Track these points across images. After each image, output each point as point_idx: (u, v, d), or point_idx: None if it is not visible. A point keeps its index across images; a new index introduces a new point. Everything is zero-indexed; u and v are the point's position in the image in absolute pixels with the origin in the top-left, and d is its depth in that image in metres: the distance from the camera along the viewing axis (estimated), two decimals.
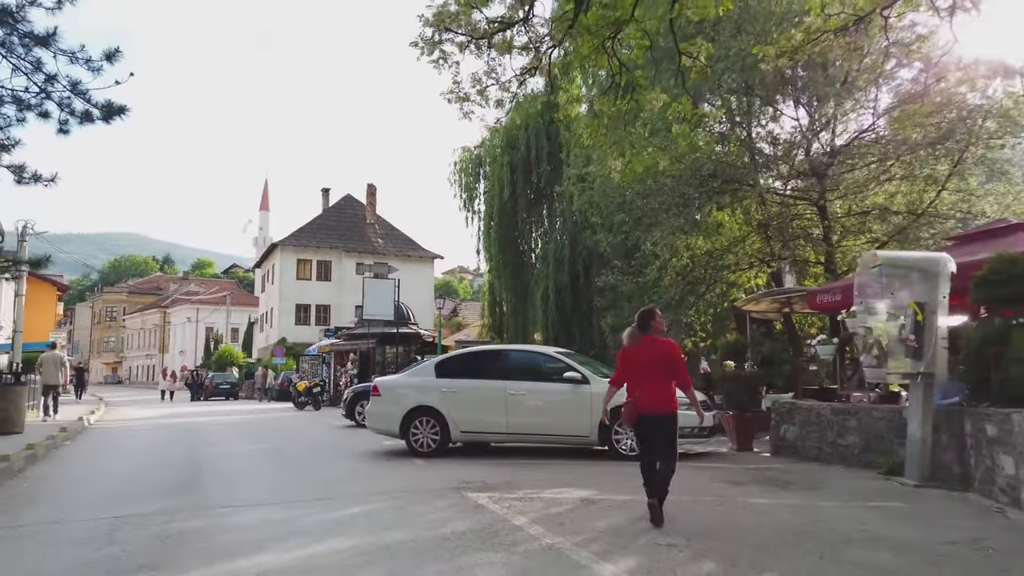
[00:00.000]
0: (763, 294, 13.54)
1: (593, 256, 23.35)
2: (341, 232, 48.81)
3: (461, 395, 9.93)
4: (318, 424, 17.34)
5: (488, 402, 9.84)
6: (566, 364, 9.76)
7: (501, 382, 9.76)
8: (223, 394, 38.34)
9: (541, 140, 26.40)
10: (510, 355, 10.44)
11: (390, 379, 10.98)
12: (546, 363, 10.06)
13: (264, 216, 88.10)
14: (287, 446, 11.94)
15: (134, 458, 10.56)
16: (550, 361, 10.02)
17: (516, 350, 10.60)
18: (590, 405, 9.33)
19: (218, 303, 65.59)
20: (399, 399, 10.26)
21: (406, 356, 28.26)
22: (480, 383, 9.95)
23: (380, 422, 10.46)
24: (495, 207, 27.07)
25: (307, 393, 24.70)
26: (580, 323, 24.06)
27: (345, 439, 13.03)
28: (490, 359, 10.49)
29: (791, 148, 14.99)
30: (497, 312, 28.60)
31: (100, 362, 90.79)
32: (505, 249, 27.35)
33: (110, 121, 10.10)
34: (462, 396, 9.93)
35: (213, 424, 17.90)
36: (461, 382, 10.03)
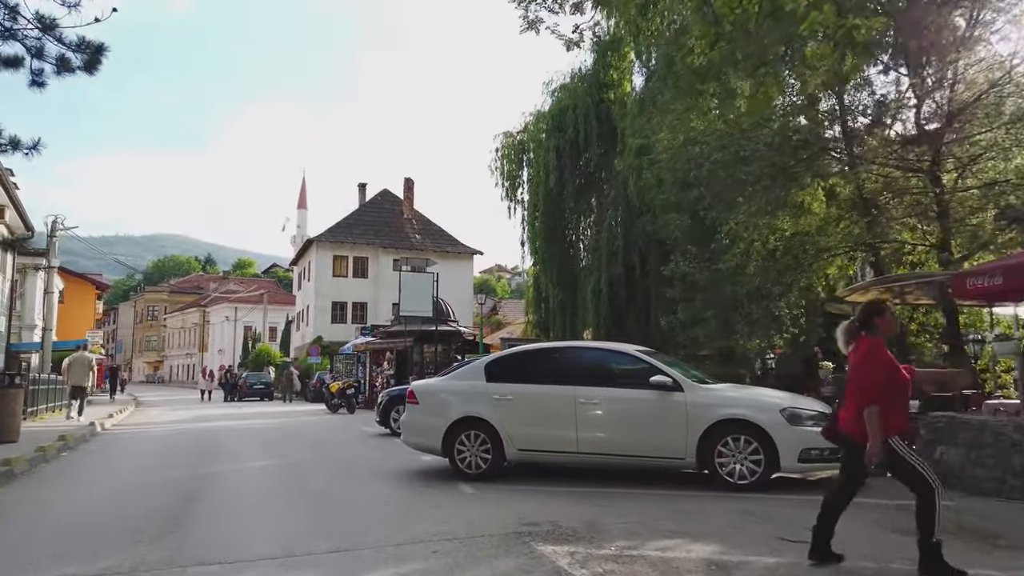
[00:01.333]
0: (873, 282, 11.27)
1: (651, 245, 21.15)
2: (378, 228, 47.37)
3: (518, 404, 7.96)
4: (349, 431, 15.56)
5: (552, 413, 7.84)
6: (652, 366, 7.69)
7: (569, 388, 7.75)
8: (257, 394, 37.10)
9: (590, 121, 24.28)
10: (579, 354, 8.37)
11: (430, 383, 9.06)
12: (625, 364, 8.02)
13: (302, 214, 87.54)
14: (309, 462, 10.11)
15: (122, 478, 8.83)
16: (630, 362, 7.97)
17: (587, 348, 8.53)
18: (685, 418, 7.27)
19: (256, 302, 64.89)
20: (441, 408, 8.34)
21: (445, 355, 26.45)
22: (542, 389, 7.96)
23: (418, 436, 8.54)
24: (540, 195, 25.03)
25: (340, 395, 23.06)
26: (636, 319, 21.88)
27: (377, 453, 11.17)
28: (553, 359, 8.47)
29: (897, 110, 12.67)
30: (543, 308, 26.52)
31: (142, 361, 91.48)
32: (551, 240, 25.28)
33: (93, 71, 8.41)
34: (519, 405, 7.96)
35: (236, 430, 16.28)
36: (518, 387, 8.06)
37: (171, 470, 9.30)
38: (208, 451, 11.62)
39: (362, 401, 25.07)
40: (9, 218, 25.51)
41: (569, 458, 7.79)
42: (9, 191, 24.21)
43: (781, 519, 5.87)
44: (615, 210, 22.88)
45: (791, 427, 7.02)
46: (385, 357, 26.15)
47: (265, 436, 14.49)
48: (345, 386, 23.18)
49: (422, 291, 25.13)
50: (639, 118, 19.74)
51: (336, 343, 38.53)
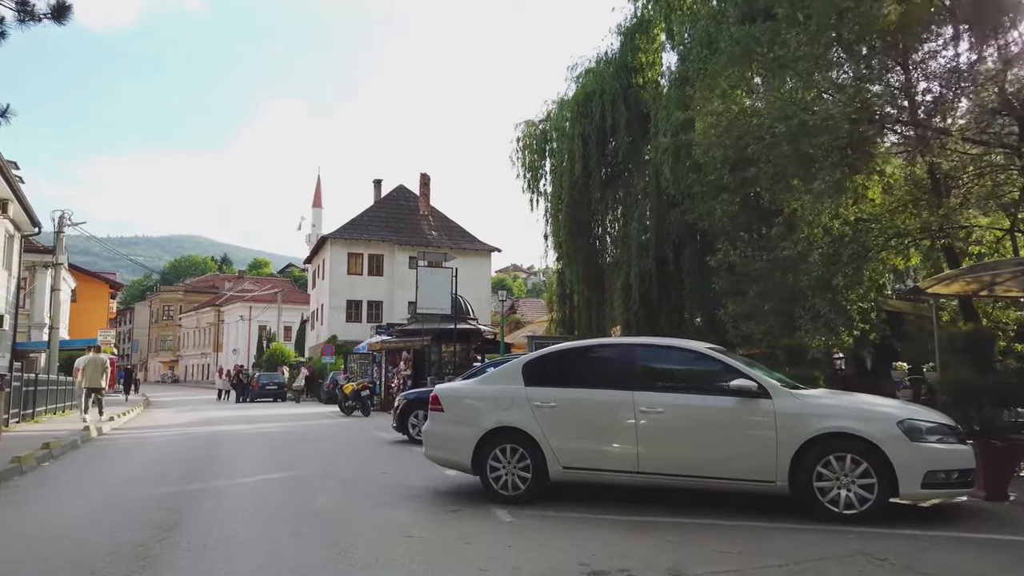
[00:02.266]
0: (959, 272, 9.81)
1: (686, 236, 19.74)
2: (393, 224, 46.26)
3: (564, 412, 6.63)
4: (364, 438, 14.29)
5: (606, 424, 6.51)
6: (729, 366, 6.32)
7: (626, 393, 6.39)
8: (270, 395, 36.04)
9: (618, 107, 22.87)
10: (637, 352, 6.93)
11: (457, 387, 7.73)
12: (695, 364, 6.66)
13: (317, 213, 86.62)
14: (317, 476, 8.83)
15: (97, 498, 7.58)
16: (701, 361, 6.60)
17: (646, 345, 7.09)
18: (774, 431, 5.90)
19: (270, 301, 64.06)
20: (471, 417, 7.02)
21: (465, 355, 25.18)
22: (593, 395, 6.62)
23: (443, 449, 7.22)
24: (565, 185, 23.65)
25: (355, 396, 21.82)
26: (669, 316, 20.47)
27: (395, 465, 9.86)
28: (606, 358, 7.07)
29: (978, 78, 11.18)
30: (567, 305, 25.16)
31: (157, 361, 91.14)
32: (577, 233, 23.90)
33: (62, 20, 7.17)
34: (566, 414, 6.63)
35: (242, 435, 15.07)
36: (563, 392, 6.73)
37: (158, 486, 8.05)
38: (206, 461, 10.38)
39: (377, 403, 23.87)
40: (14, 212, 24.55)
41: (627, 479, 6.41)
42: (12, 184, 23.22)
43: (925, 567, 4.49)
44: (646, 200, 21.46)
45: (911, 443, 5.62)
46: (401, 357, 24.92)
47: (272, 442, 13.25)
48: (359, 387, 21.96)
49: (440, 287, 23.89)
50: (675, 100, 18.31)
51: (351, 342, 37.41)
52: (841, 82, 10.41)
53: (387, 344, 25.83)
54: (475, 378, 7.98)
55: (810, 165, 10.06)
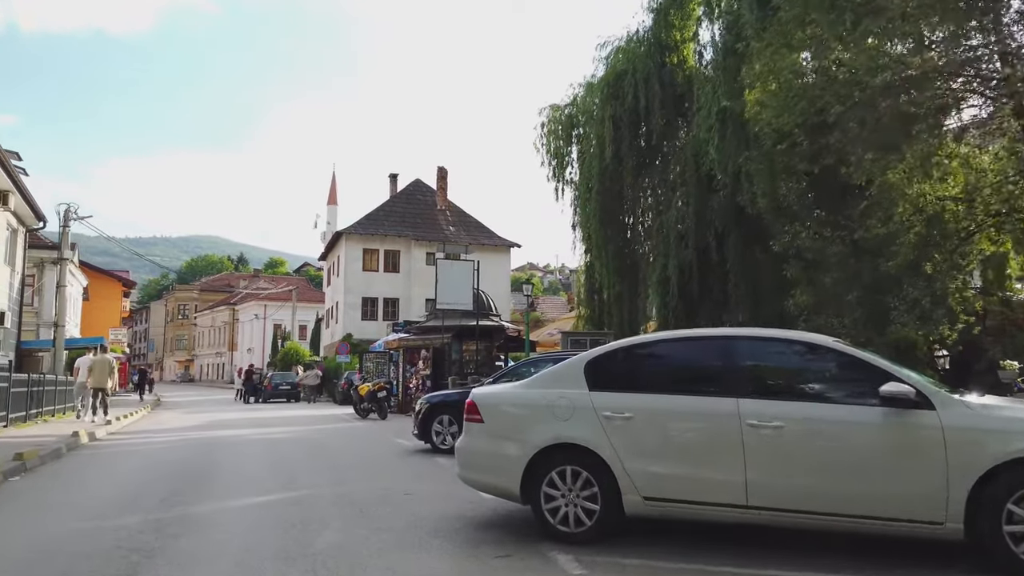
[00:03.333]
0: None
1: (730, 224, 18.09)
2: (410, 219, 44.84)
3: (644, 426, 5.07)
4: (381, 446, 12.81)
5: (703, 441, 4.95)
6: (872, 366, 4.69)
7: (728, 401, 4.82)
8: (283, 395, 34.77)
9: (652, 86, 21.22)
10: (741, 347, 5.24)
11: (500, 392, 6.15)
12: (822, 364, 5.06)
13: (332, 210, 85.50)
14: (327, 498, 7.31)
15: (54, 530, 6.12)
16: (830, 359, 5.01)
17: (755, 338, 5.34)
18: (942, 454, 4.30)
19: (285, 299, 62.95)
20: (519, 430, 5.48)
21: (487, 354, 23.67)
22: (683, 403, 5.04)
23: (483, 471, 5.69)
24: (594, 172, 22.05)
25: (371, 398, 20.37)
26: (711, 312, 18.82)
27: (419, 483, 8.35)
28: (698, 355, 5.42)
29: None
30: (595, 300, 23.53)
31: (173, 360, 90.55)
32: (607, 223, 22.28)
33: None
34: (646, 428, 5.07)
35: (247, 442, 13.66)
36: (642, 400, 5.16)
37: (132, 511, 6.58)
38: (199, 476, 8.93)
39: (394, 405, 22.39)
40: (15, 205, 23.35)
41: (731, 516, 4.81)
42: (12, 175, 22.00)
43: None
44: (683, 185, 19.83)
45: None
46: (420, 355, 23.44)
47: (279, 451, 11.79)
48: (376, 388, 20.49)
49: (461, 280, 22.38)
50: (721, 72, 16.65)
51: (366, 341, 36.07)
52: (942, 36, 8.76)
53: (405, 342, 24.37)
54: (519, 381, 6.39)
55: (910, 125, 8.43)
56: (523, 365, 11.65)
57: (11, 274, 25.59)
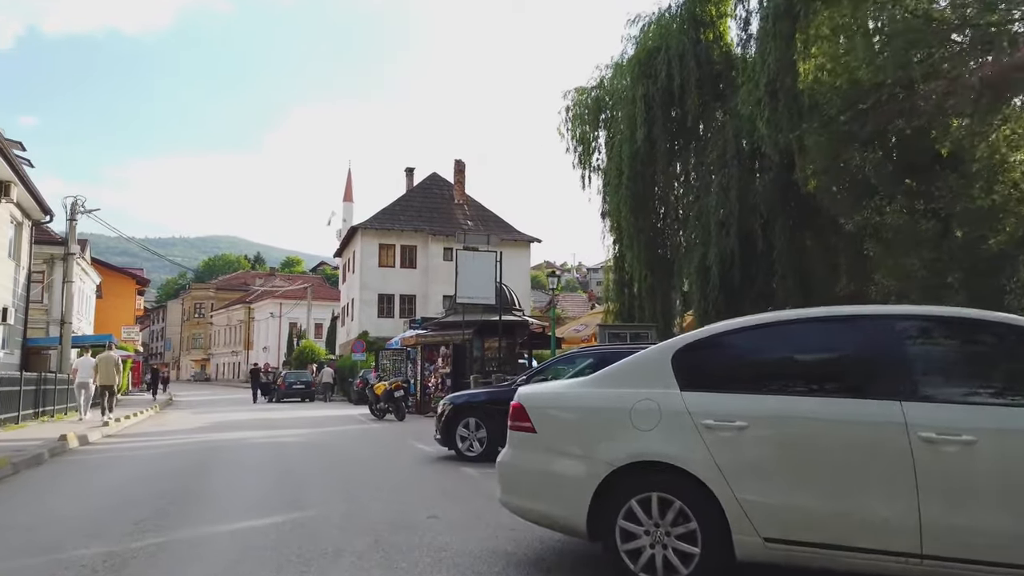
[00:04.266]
0: None
1: (777, 208, 16.61)
2: (427, 214, 43.60)
3: (763, 439, 3.69)
4: (400, 452, 11.49)
5: (852, 462, 3.53)
6: None
7: (888, 405, 3.44)
8: (297, 395, 33.65)
9: (687, 63, 19.76)
10: (902, 330, 3.76)
11: (555, 392, 4.71)
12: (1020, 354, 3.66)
13: (348, 207, 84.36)
14: (334, 526, 5.97)
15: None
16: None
17: (922, 317, 3.80)
18: None
19: (300, 297, 62.01)
20: (584, 442, 4.13)
21: (510, 351, 22.31)
22: (820, 407, 3.63)
23: (535, 497, 4.31)
24: (624, 156, 20.61)
25: (387, 397, 19.09)
26: (756, 303, 17.30)
27: (446, 503, 7.00)
28: (838, 343, 3.93)
29: None
30: (626, 294, 22.09)
31: (189, 359, 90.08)
32: (638, 211, 20.85)
33: None
34: (766, 442, 3.69)
35: (252, 448, 12.41)
36: (758, 403, 3.77)
37: (99, 539, 5.29)
38: (189, 491, 7.65)
39: (412, 404, 21.12)
40: (18, 196, 22.29)
41: (897, 567, 3.41)
42: (14, 165, 20.93)
43: None
44: (724, 168, 18.32)
45: None
46: (439, 353, 22.12)
47: (285, 459, 10.51)
48: (392, 387, 19.20)
49: (482, 273, 21.03)
50: (772, 39, 15.12)
51: (383, 339, 34.90)
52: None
53: (423, 338, 23.07)
54: (572, 379, 4.94)
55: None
56: (558, 362, 10.28)
57: (16, 269, 24.59)
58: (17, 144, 23.68)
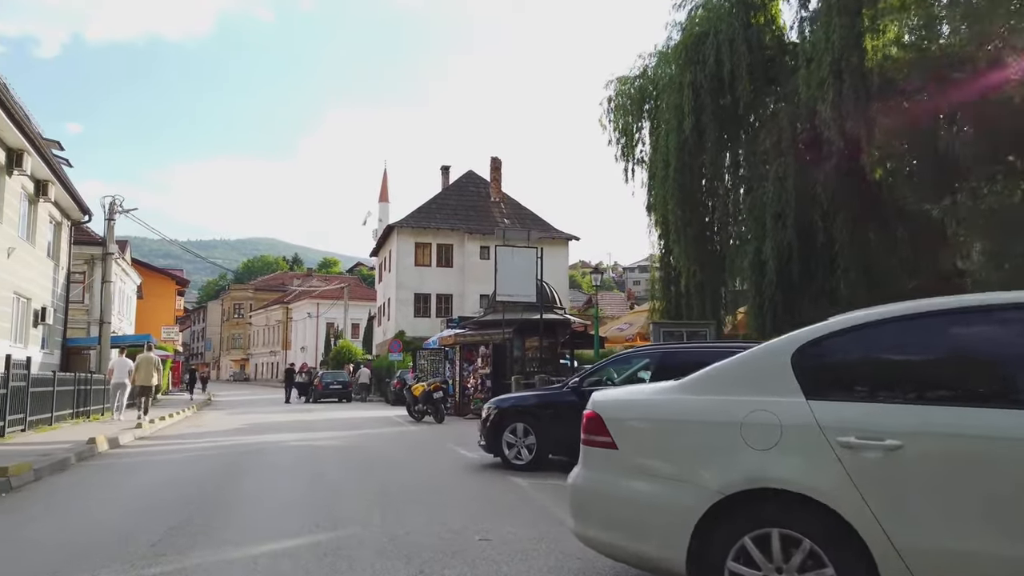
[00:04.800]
0: None
1: (840, 196, 15.46)
2: (463, 212, 43.05)
3: (925, 463, 2.82)
4: (441, 458, 10.77)
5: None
6: None
7: None
8: (335, 395, 33.34)
9: (737, 48, 18.69)
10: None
11: (639, 399, 3.84)
12: None
13: (384, 207, 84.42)
14: (368, 550, 5.24)
15: None
16: None
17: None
18: None
19: (336, 297, 62.07)
20: (681, 462, 3.31)
21: (551, 351, 21.53)
22: (1013, 424, 2.77)
23: (619, 529, 3.49)
24: (671, 146, 19.63)
25: (426, 399, 18.45)
26: (815, 299, 16.21)
27: (496, 517, 6.24)
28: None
29: None
30: (672, 291, 21.10)
31: (229, 359, 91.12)
32: (685, 204, 19.82)
33: None
34: (930, 467, 2.82)
35: (285, 451, 11.83)
36: (920, 416, 2.90)
37: (105, 566, 4.65)
38: (215, 502, 7.03)
39: (451, 406, 20.45)
40: (56, 196, 22.25)
41: None
42: (52, 164, 20.85)
43: None
44: (780, 156, 17.19)
45: None
46: (478, 352, 21.41)
47: (320, 466, 9.87)
48: (431, 388, 18.54)
49: (522, 270, 20.27)
50: (836, 15, 13.99)
51: (419, 339, 34.40)
52: None
53: (461, 338, 22.39)
54: (664, 383, 4.02)
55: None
56: (613, 362, 9.43)
57: (55, 269, 24.61)
58: (55, 144, 23.67)
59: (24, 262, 19.77)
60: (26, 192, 20.18)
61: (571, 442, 8.92)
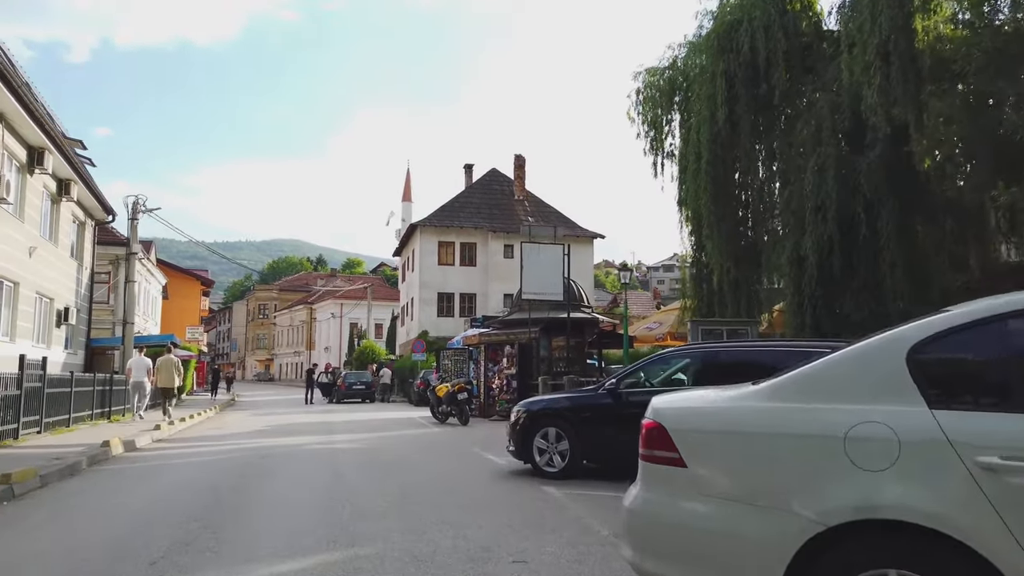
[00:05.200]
0: None
1: (885, 187, 14.66)
2: (486, 210, 42.55)
3: None
4: (467, 464, 10.23)
5: None
6: None
7: None
8: (358, 395, 33.04)
9: (773, 35, 17.94)
10: None
11: (713, 407, 3.17)
12: None
13: (407, 207, 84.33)
14: (392, 566, 4.70)
15: None
16: None
17: None
18: None
19: (360, 297, 61.97)
20: (765, 485, 2.70)
21: (578, 351, 20.90)
22: None
23: (694, 565, 2.88)
24: (703, 138, 18.89)
25: (450, 400, 17.94)
26: (858, 295, 15.40)
27: (529, 533, 5.66)
28: None
29: None
30: (704, 289, 20.36)
31: (254, 359, 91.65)
32: (718, 198, 19.04)
33: None
34: None
35: (305, 455, 11.37)
36: None
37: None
38: (226, 513, 6.54)
39: (476, 407, 19.92)
40: (79, 195, 22.10)
41: None
42: (74, 164, 20.68)
43: None
44: (820, 147, 16.38)
45: None
46: (503, 352, 20.86)
47: (340, 472, 9.37)
48: (456, 389, 18.03)
49: (548, 267, 19.67)
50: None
51: (442, 338, 33.97)
52: None
53: (486, 337, 21.84)
54: (741, 388, 3.34)
55: None
56: (651, 362, 8.79)
57: (78, 269, 24.50)
58: (78, 143, 23.55)
59: (47, 262, 19.60)
60: (48, 191, 20.01)
61: (607, 449, 8.38)
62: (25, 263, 17.44)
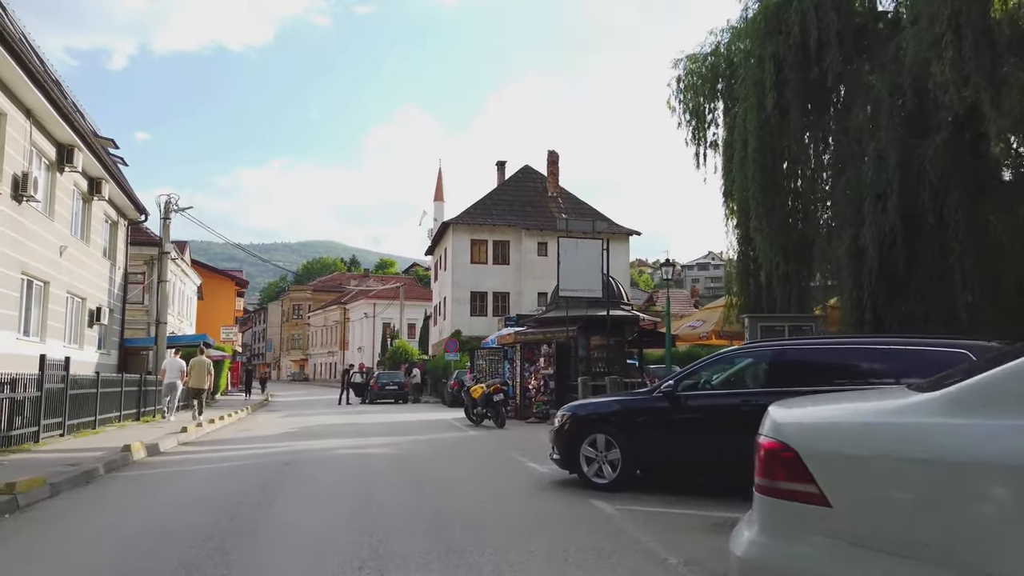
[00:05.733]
0: None
1: (952, 174, 13.52)
2: (519, 208, 41.80)
3: None
4: (507, 472, 9.48)
5: None
6: None
7: None
8: (390, 396, 32.57)
9: (825, 14, 16.78)
10: None
11: (856, 420, 2.36)
12: None
13: (439, 207, 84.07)
14: None
15: None
16: None
17: None
18: None
19: (393, 297, 61.73)
20: (957, 532, 1.89)
21: (617, 350, 20.03)
22: None
23: None
24: (751, 126, 17.83)
25: (485, 401, 17.23)
26: (922, 289, 14.27)
27: (582, 559, 4.89)
28: None
29: None
30: (751, 284, 19.28)
31: (288, 359, 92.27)
32: (767, 189, 17.92)
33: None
34: None
35: (332, 461, 10.74)
36: None
37: None
38: (241, 529, 5.88)
39: (512, 410, 19.18)
40: (110, 194, 21.91)
41: None
42: (105, 163, 20.48)
43: None
44: (878, 131, 15.27)
45: None
46: (540, 352, 20.08)
47: (369, 481, 8.70)
48: (491, 390, 17.31)
49: (587, 263, 18.83)
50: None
51: (475, 338, 33.29)
52: None
53: (522, 336, 21.08)
54: (897, 400, 2.50)
55: None
56: (713, 362, 7.89)
57: (111, 268, 24.40)
58: (110, 142, 23.41)
59: (78, 261, 19.40)
60: (79, 190, 19.82)
61: (664, 458, 7.56)
62: (56, 262, 17.19)
